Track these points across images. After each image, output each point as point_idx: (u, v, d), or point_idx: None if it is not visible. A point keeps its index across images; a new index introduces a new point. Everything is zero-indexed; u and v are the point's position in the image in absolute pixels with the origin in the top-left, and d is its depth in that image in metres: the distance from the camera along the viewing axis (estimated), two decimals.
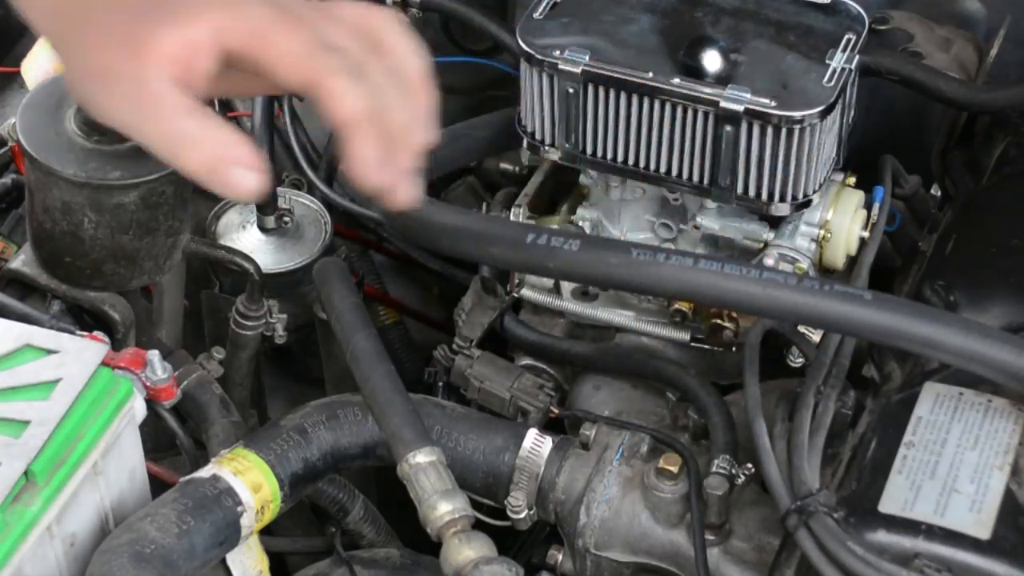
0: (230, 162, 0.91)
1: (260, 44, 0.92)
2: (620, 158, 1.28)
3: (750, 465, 1.16)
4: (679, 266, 1.09)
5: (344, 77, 0.91)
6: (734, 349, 1.33)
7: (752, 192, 1.25)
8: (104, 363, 1.13)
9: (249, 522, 1.15)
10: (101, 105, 0.95)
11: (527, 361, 1.40)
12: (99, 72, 0.93)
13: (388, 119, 0.94)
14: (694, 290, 1.12)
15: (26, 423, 1.07)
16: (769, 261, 1.27)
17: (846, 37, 1.26)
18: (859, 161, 1.34)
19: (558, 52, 1.25)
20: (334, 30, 0.94)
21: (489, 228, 1.21)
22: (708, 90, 1.21)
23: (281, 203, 1.50)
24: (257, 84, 0.99)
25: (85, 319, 1.32)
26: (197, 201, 1.41)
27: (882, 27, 1.44)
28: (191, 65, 0.90)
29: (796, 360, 1.24)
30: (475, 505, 1.15)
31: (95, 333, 1.23)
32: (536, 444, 1.21)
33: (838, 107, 1.23)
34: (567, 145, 1.29)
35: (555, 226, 1.34)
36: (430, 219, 1.22)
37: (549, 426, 1.30)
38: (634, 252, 1.11)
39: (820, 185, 1.27)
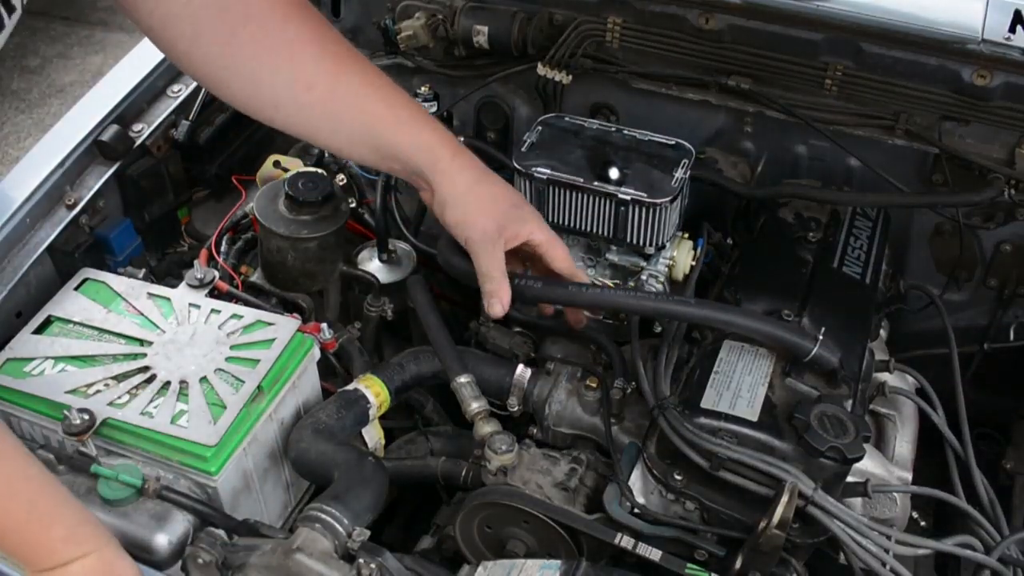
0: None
1: None
2: (567, 223, 1.25)
3: (634, 383, 1.14)
4: (591, 292, 1.10)
5: None
6: (626, 323, 1.29)
7: (635, 241, 1.23)
8: (298, 330, 1.13)
9: (373, 413, 1.14)
10: None
11: (518, 329, 1.36)
12: None
13: None
14: (599, 303, 1.13)
15: (258, 360, 1.08)
16: (644, 277, 1.24)
17: (683, 160, 1.24)
18: (690, 225, 1.31)
19: (534, 169, 1.23)
20: None
21: None
22: (612, 188, 1.20)
23: (391, 246, 1.48)
24: None
25: (289, 307, 1.31)
26: (346, 246, 1.40)
27: (701, 156, 1.43)
28: None
29: (657, 328, 1.23)
30: (490, 404, 1.16)
31: (293, 314, 1.23)
32: (522, 372, 1.21)
33: (680, 197, 1.22)
34: None
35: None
36: (454, 265, 1.17)
37: (530, 363, 1.27)
38: (569, 287, 1.12)
39: (670, 238, 1.25)
